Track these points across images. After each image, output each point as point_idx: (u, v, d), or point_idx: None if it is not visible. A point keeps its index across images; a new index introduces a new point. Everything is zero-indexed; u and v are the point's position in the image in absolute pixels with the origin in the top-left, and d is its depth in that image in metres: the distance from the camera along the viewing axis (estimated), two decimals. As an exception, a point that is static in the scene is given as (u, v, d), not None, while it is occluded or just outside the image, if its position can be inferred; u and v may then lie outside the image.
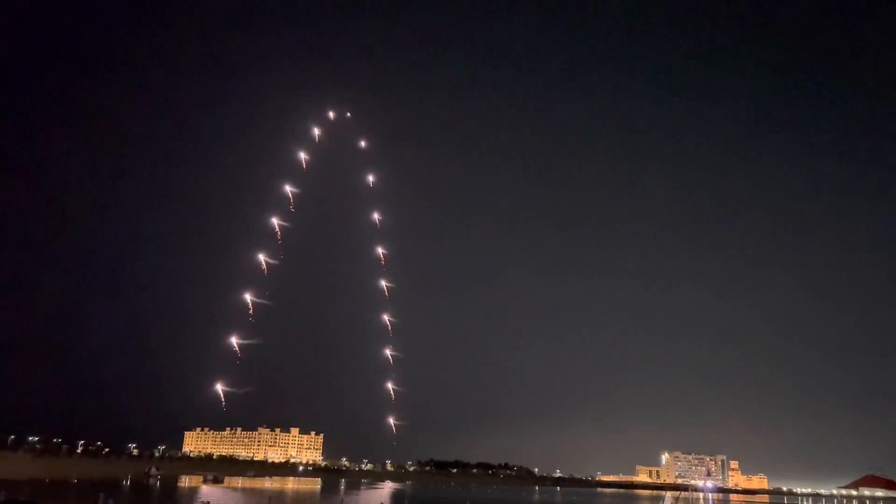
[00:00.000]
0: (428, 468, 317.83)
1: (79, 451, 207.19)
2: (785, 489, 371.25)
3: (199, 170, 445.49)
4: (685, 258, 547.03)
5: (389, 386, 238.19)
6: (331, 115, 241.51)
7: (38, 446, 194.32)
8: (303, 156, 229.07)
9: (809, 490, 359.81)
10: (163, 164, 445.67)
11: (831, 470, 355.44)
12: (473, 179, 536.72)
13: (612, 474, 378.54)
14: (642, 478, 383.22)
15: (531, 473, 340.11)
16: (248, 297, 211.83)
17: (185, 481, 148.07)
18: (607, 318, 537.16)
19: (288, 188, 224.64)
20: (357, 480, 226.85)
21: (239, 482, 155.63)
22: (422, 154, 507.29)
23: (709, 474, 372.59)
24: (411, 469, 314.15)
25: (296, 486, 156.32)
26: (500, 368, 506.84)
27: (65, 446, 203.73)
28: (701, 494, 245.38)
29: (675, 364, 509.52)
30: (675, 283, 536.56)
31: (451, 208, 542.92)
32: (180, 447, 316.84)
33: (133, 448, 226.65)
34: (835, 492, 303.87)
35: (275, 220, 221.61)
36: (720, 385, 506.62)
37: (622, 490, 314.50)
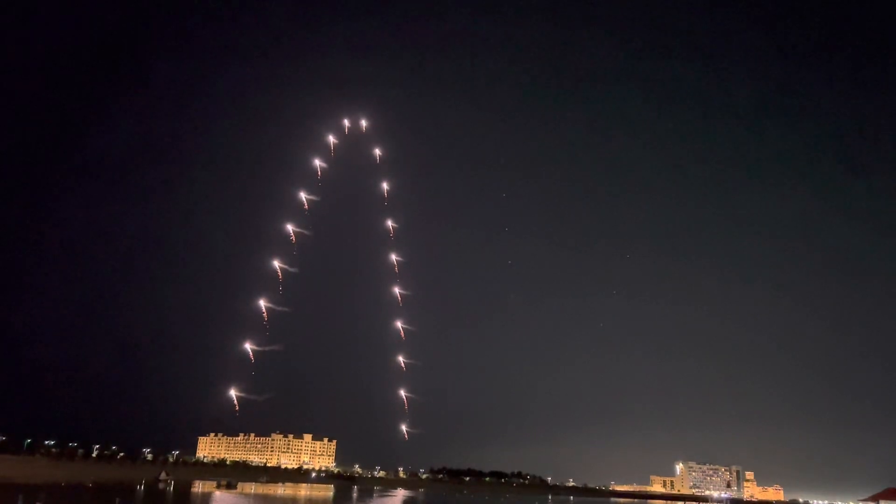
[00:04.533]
0: (440, 476, 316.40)
1: (94, 455, 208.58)
2: (801, 501, 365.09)
3: (215, 177, 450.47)
4: (698, 272, 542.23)
5: (402, 393, 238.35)
6: (346, 123, 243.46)
7: (54, 450, 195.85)
8: (318, 163, 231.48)
9: (827, 502, 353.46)
10: (179, 171, 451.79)
11: (849, 482, 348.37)
12: (487, 187, 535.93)
13: (626, 484, 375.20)
14: (656, 488, 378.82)
15: (544, 482, 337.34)
16: (263, 303, 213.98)
17: (199, 486, 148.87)
18: (620, 330, 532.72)
19: (304, 195, 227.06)
20: (369, 487, 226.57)
21: (252, 488, 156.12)
22: (436, 162, 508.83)
23: (728, 486, 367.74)
24: (424, 477, 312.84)
25: (308, 492, 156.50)
26: (515, 377, 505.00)
27: (80, 451, 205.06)
28: None
29: (690, 375, 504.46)
30: (687, 296, 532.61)
31: (466, 216, 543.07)
32: (194, 452, 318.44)
33: (147, 453, 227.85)
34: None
35: (290, 227, 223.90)
36: (736, 395, 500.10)
37: (636, 500, 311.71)
